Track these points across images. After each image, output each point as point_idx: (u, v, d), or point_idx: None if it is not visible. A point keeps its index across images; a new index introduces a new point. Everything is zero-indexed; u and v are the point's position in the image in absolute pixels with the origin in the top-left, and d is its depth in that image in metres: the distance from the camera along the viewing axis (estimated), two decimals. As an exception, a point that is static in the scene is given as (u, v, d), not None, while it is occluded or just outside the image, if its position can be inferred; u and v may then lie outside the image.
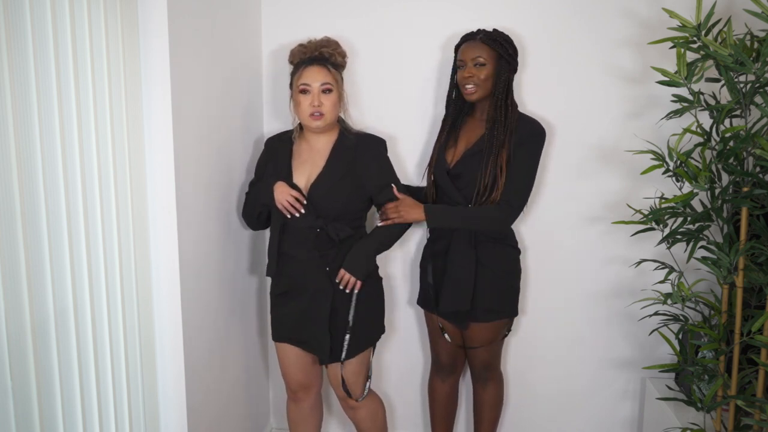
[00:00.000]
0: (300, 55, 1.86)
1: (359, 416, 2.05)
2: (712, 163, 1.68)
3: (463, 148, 1.95)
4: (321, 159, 1.89)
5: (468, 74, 1.87)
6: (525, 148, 1.87)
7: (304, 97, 1.82)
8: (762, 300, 1.78)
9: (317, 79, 1.81)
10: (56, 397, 1.26)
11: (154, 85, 1.53)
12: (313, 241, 1.86)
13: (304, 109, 1.82)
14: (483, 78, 1.86)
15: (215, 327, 1.93)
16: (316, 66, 1.82)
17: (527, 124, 1.90)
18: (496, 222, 1.88)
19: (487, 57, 1.86)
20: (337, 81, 1.84)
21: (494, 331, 1.99)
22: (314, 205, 1.84)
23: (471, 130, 1.97)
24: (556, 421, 2.40)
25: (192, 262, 1.72)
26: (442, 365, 2.16)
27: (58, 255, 1.25)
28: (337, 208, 1.86)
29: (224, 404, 2.03)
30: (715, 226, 1.80)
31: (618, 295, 2.27)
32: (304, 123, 1.87)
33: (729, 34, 1.57)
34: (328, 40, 1.87)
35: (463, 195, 1.91)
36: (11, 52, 1.10)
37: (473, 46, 1.88)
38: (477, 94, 1.88)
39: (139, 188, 1.53)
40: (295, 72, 1.86)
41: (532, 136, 1.88)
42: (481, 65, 1.86)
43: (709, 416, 1.86)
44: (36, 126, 1.16)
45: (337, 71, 1.86)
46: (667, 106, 2.03)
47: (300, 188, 1.87)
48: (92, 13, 1.32)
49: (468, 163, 1.90)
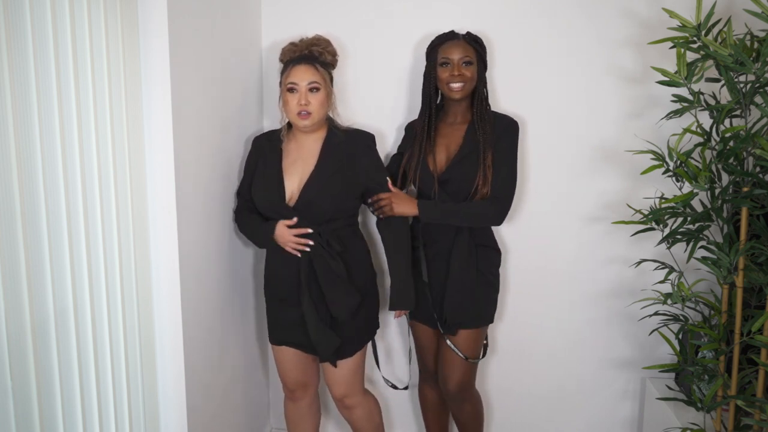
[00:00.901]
0: (290, 54, 1.86)
1: (355, 416, 2.04)
2: (712, 163, 1.68)
3: (446, 153, 1.95)
4: (311, 158, 1.88)
5: (457, 72, 1.88)
6: (504, 144, 1.91)
7: (291, 95, 1.82)
8: (762, 300, 1.78)
9: (304, 78, 1.81)
10: (56, 397, 1.26)
11: (154, 85, 1.53)
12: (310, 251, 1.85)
13: (292, 108, 1.83)
14: (470, 76, 1.89)
15: (215, 327, 1.93)
16: (303, 65, 1.82)
17: (501, 120, 1.94)
18: (490, 217, 1.90)
19: (472, 56, 1.90)
20: (324, 80, 1.84)
21: (478, 339, 1.99)
22: (309, 205, 1.84)
23: (448, 134, 1.97)
24: (556, 421, 2.40)
25: (192, 262, 1.72)
26: (430, 373, 2.16)
27: (58, 255, 1.25)
28: (333, 206, 1.85)
29: (224, 404, 2.03)
30: (715, 226, 1.80)
31: (618, 295, 2.27)
32: (293, 122, 1.87)
33: (729, 34, 1.57)
34: (318, 39, 1.87)
35: (453, 200, 1.92)
36: (11, 52, 1.10)
37: (459, 45, 1.90)
38: (462, 92, 1.90)
39: (139, 188, 1.53)
40: (284, 70, 1.86)
41: (508, 131, 1.93)
42: (469, 64, 1.89)
43: (709, 416, 1.86)
44: (36, 126, 1.16)
45: (325, 70, 1.86)
46: (667, 106, 2.03)
47: (292, 189, 1.86)
48: (92, 13, 1.32)
49: (458, 168, 1.91)
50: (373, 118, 2.24)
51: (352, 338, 1.92)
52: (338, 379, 1.96)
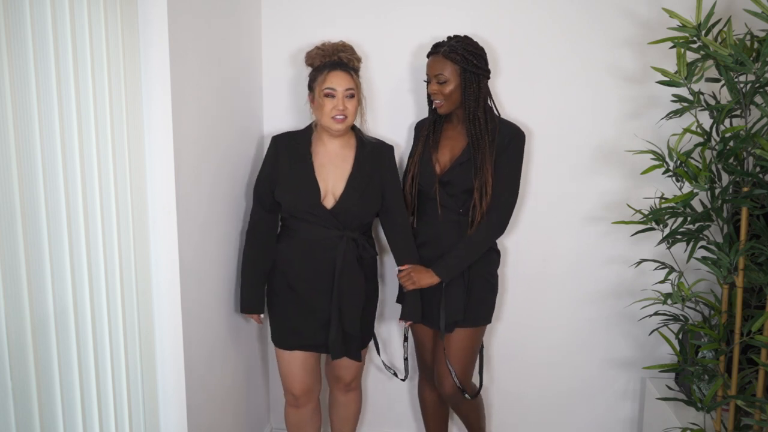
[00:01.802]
0: (320, 58, 1.88)
1: (352, 397, 2.16)
2: (712, 163, 1.68)
3: (449, 157, 1.95)
4: (343, 163, 1.92)
5: (433, 90, 1.89)
6: (506, 155, 1.89)
7: (328, 100, 1.84)
8: (762, 300, 1.78)
9: (342, 85, 1.84)
10: (56, 397, 1.26)
11: (154, 85, 1.53)
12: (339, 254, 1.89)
13: (328, 112, 1.84)
14: (447, 93, 1.86)
15: (215, 327, 1.93)
16: (340, 71, 1.85)
17: (506, 129, 1.91)
18: (495, 235, 1.93)
19: (450, 73, 1.85)
20: (357, 86, 1.88)
21: (474, 338, 2.00)
22: (347, 211, 1.88)
23: (452, 137, 1.97)
24: (556, 421, 2.40)
25: (192, 263, 1.72)
26: (429, 372, 2.15)
27: (58, 255, 1.25)
28: (368, 214, 1.93)
29: (224, 404, 2.03)
30: (715, 226, 1.80)
31: (618, 295, 2.27)
32: (325, 125, 1.88)
33: (729, 34, 1.57)
34: (344, 45, 1.90)
35: (455, 200, 1.92)
36: (11, 52, 1.10)
37: (435, 61, 1.87)
38: (445, 108, 1.90)
39: (139, 188, 1.53)
40: (318, 75, 1.87)
41: (513, 142, 1.90)
42: (443, 82, 1.86)
43: (709, 416, 1.86)
44: (36, 126, 1.16)
45: (357, 77, 1.90)
46: (667, 106, 2.03)
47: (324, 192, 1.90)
48: (92, 13, 1.32)
49: (457, 172, 1.91)
50: (374, 121, 2.25)
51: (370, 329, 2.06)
52: (350, 364, 2.07)
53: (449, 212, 1.94)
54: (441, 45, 1.89)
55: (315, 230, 1.89)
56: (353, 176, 1.91)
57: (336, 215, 1.88)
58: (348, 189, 1.89)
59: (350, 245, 1.89)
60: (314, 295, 1.91)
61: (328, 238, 1.88)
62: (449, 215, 1.94)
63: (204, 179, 1.80)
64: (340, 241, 1.88)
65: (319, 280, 1.90)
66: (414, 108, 2.23)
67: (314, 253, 1.89)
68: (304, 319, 1.93)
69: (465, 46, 1.85)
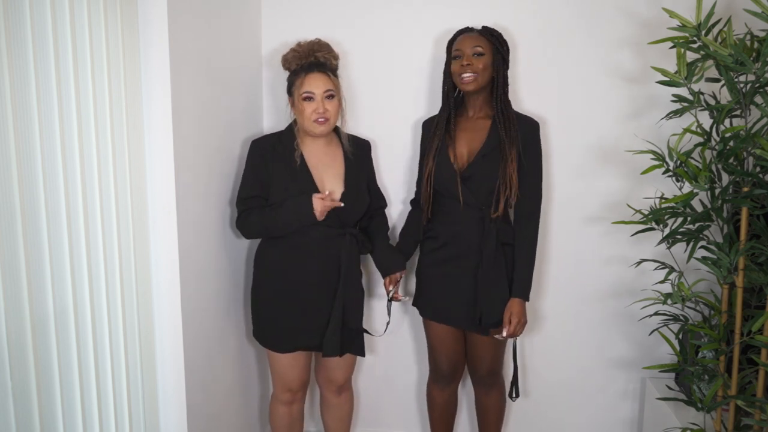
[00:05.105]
0: (296, 61, 1.85)
1: (345, 397, 2.13)
2: (712, 163, 1.67)
3: (468, 148, 1.92)
4: (333, 161, 1.92)
5: (467, 62, 1.86)
6: (531, 150, 1.90)
7: (308, 104, 1.83)
8: (762, 300, 1.78)
9: (320, 87, 1.82)
10: (56, 397, 1.26)
11: (154, 86, 1.53)
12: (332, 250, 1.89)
13: (309, 115, 1.83)
14: (481, 68, 1.86)
15: (215, 327, 1.93)
16: (317, 73, 1.83)
17: (525, 122, 1.92)
18: (537, 230, 1.95)
19: (485, 47, 1.87)
20: (336, 86, 1.86)
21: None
22: (347, 209, 1.88)
23: (470, 130, 1.94)
24: (556, 421, 2.40)
25: (192, 262, 1.72)
26: (442, 374, 2.11)
27: (58, 255, 1.25)
28: (362, 211, 1.95)
29: (224, 404, 2.03)
30: (715, 226, 1.80)
31: (618, 295, 2.27)
32: (307, 128, 1.86)
33: (729, 34, 1.57)
34: (320, 43, 1.87)
35: (475, 196, 1.88)
36: (11, 52, 1.10)
37: (471, 36, 1.89)
38: (474, 84, 1.87)
39: (139, 188, 1.53)
40: (295, 79, 1.85)
41: (533, 135, 1.92)
42: (480, 55, 1.86)
43: (709, 416, 1.86)
44: (36, 126, 1.16)
45: (335, 77, 1.88)
46: (667, 106, 2.03)
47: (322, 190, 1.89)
48: (92, 13, 1.32)
49: (481, 164, 1.88)
50: (372, 120, 2.24)
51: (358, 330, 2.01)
52: (344, 365, 2.05)
53: (471, 209, 1.90)
54: (471, 28, 1.93)
55: (318, 230, 1.86)
56: (349, 174, 1.92)
57: (338, 214, 1.87)
58: (348, 188, 1.90)
59: (352, 242, 1.90)
60: (317, 295, 1.89)
61: (333, 236, 1.88)
62: (471, 212, 1.90)
63: (204, 179, 1.80)
64: (343, 239, 1.88)
65: (323, 279, 1.89)
66: (417, 107, 2.23)
67: (318, 253, 1.87)
68: (302, 320, 1.90)
69: (493, 32, 1.91)
